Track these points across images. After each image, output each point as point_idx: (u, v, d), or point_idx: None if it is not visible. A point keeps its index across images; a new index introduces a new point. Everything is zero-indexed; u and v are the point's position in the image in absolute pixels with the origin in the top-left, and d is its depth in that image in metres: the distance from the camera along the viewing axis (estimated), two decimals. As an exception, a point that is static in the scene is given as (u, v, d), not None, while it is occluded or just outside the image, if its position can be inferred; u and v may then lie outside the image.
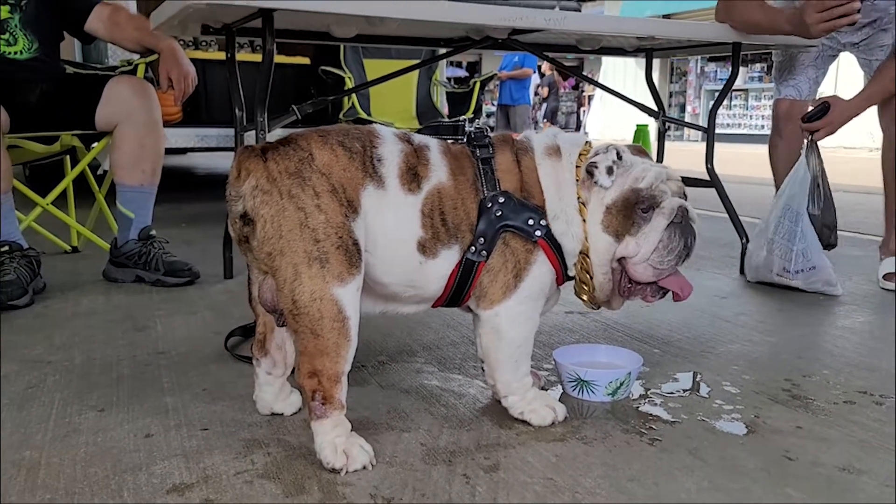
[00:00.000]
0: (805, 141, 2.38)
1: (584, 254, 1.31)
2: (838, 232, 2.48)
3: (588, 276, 1.33)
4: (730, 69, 2.59)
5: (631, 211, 1.28)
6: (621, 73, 17.62)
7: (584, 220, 1.30)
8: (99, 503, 1.05)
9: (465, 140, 1.34)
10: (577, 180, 1.30)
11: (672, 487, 1.11)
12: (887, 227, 2.62)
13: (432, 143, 1.30)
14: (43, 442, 1.24)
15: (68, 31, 2.56)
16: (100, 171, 2.73)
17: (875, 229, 3.81)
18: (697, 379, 1.58)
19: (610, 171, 1.27)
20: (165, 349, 1.74)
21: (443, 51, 2.79)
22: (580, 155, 1.32)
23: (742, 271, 2.63)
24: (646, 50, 2.94)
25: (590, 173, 1.29)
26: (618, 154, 1.29)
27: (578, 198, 1.30)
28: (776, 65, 2.75)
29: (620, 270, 1.33)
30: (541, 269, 1.29)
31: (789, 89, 2.72)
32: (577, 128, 22.44)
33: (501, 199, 1.26)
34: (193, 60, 2.49)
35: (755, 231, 2.46)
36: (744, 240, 2.65)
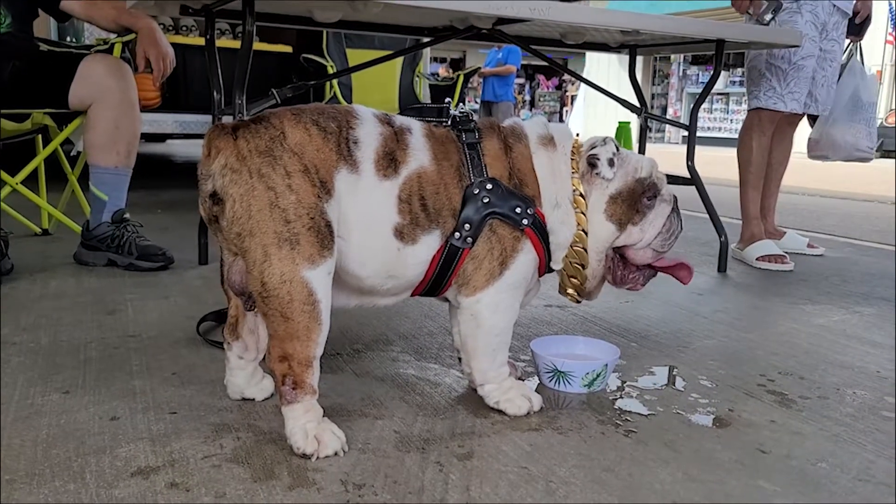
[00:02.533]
0: (853, 46, 2.94)
1: (574, 245, 1.32)
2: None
3: (580, 266, 1.33)
4: (711, 73, 2.60)
5: (636, 201, 1.33)
6: (604, 73, 17.67)
7: (580, 212, 1.31)
8: (59, 485, 1.01)
9: (449, 124, 1.32)
10: (573, 171, 1.31)
11: (647, 478, 1.10)
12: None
13: (415, 126, 1.27)
14: (3, 423, 1.20)
15: (43, 8, 2.50)
16: (73, 153, 2.67)
17: (851, 233, 3.86)
18: (674, 373, 1.57)
19: (611, 162, 1.31)
20: (136, 332, 1.70)
21: (427, 40, 2.77)
22: (572, 147, 1.34)
23: (720, 269, 2.64)
24: (629, 46, 2.94)
25: (592, 165, 1.31)
26: (616, 146, 1.33)
27: (575, 189, 1.31)
28: (773, 69, 2.72)
29: (613, 258, 1.37)
30: (527, 256, 1.29)
31: (793, 103, 2.72)
32: (560, 127, 22.45)
33: (489, 186, 1.24)
34: (173, 45, 2.44)
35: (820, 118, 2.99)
36: (722, 237, 2.66)
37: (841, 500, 1.05)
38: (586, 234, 1.32)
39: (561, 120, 23.19)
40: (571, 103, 22.00)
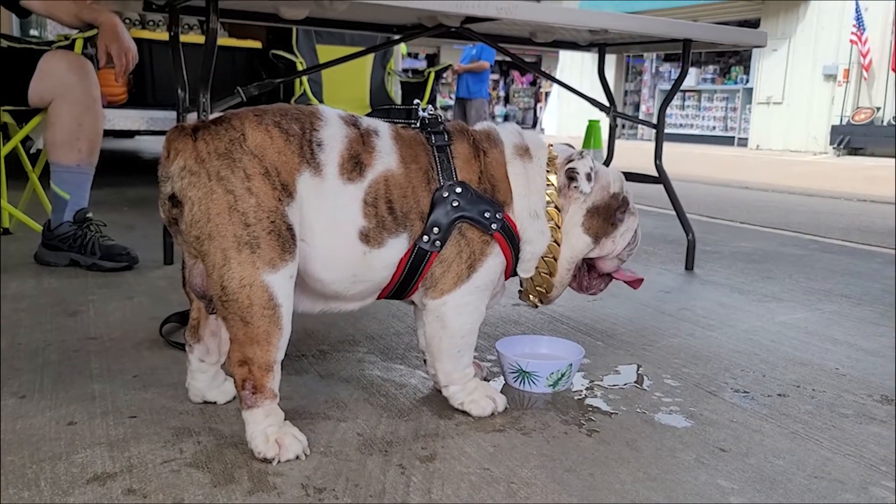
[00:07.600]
0: None
1: (545, 256, 1.34)
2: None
3: (548, 275, 1.36)
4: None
5: (612, 215, 1.38)
6: (578, 69, 17.78)
7: (554, 224, 1.33)
8: (13, 493, 0.99)
9: (418, 125, 1.31)
10: (549, 184, 1.33)
11: (607, 478, 1.10)
12: None
13: (382, 128, 1.26)
14: (-44, 430, 1.18)
15: (3, 4, 2.44)
16: (33, 150, 2.62)
17: (817, 230, 3.92)
18: (639, 371, 1.59)
19: (589, 177, 1.33)
20: (97, 334, 1.67)
21: (396, 38, 2.75)
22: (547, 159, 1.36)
23: (688, 267, 2.67)
24: (599, 45, 2.95)
25: (571, 178, 1.33)
26: (592, 160, 1.36)
27: (551, 201, 1.32)
28: None
29: (581, 267, 1.42)
30: (495, 260, 1.29)
31: None
32: (534, 124, 22.64)
33: (459, 190, 1.24)
34: (139, 40, 2.41)
35: None
36: (690, 236, 2.68)
37: (796, 497, 1.07)
38: (558, 245, 1.34)
39: (535, 116, 23.26)
40: (546, 99, 22.10)
